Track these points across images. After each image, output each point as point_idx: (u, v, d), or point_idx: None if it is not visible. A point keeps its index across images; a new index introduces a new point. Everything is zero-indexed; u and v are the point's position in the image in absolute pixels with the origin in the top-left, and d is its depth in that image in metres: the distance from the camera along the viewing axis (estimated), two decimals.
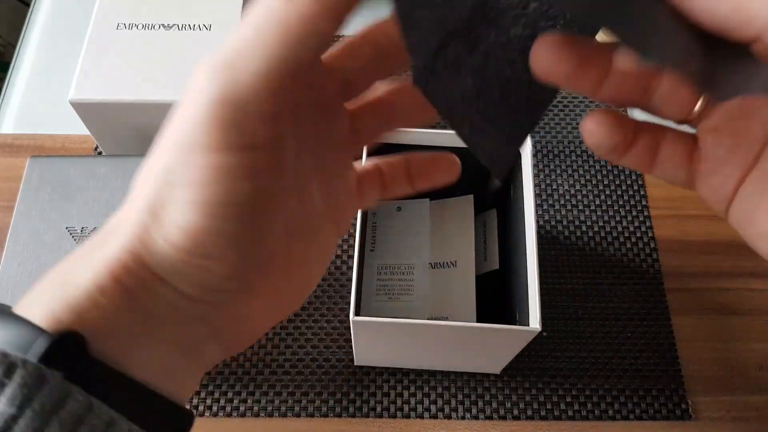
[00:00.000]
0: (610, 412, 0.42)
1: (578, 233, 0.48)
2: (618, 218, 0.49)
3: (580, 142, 0.52)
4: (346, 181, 0.24)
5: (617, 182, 0.50)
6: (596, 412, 0.42)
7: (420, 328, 0.34)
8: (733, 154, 0.22)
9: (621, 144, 0.22)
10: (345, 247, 0.47)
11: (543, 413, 0.42)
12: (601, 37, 0.21)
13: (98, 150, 0.51)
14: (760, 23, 0.17)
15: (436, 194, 0.45)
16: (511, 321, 0.41)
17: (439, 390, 0.42)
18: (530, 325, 0.33)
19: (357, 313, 0.34)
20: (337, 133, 0.23)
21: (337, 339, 0.44)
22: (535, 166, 0.51)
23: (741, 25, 0.17)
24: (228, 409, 0.41)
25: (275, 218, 0.20)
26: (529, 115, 0.23)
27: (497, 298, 0.42)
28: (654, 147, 0.23)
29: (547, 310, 0.44)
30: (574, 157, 0.51)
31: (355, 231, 0.36)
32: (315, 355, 0.43)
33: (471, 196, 0.44)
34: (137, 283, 0.18)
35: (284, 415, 0.41)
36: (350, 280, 0.46)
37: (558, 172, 0.51)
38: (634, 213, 0.49)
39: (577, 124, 0.53)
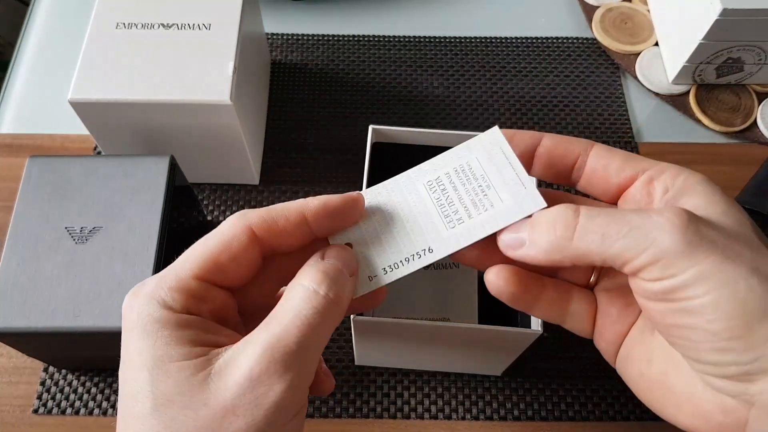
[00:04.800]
0: (611, 412, 0.42)
1: None
2: None
3: None
4: None
5: None
6: (597, 412, 0.42)
7: (421, 328, 0.34)
8: (620, 312, 0.26)
9: (521, 296, 0.26)
10: None
11: (543, 414, 0.42)
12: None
13: (97, 150, 0.51)
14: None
15: None
16: (512, 323, 0.41)
17: (440, 390, 0.42)
18: (532, 327, 0.33)
19: (357, 313, 0.34)
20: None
21: (337, 339, 0.44)
22: None
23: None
24: None
25: None
26: None
27: (499, 300, 0.42)
28: (561, 303, 0.26)
29: None
30: None
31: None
32: None
33: None
34: None
35: None
36: None
37: None
38: None
39: (578, 123, 0.53)
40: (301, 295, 0.22)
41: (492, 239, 0.26)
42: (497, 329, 0.33)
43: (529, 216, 0.25)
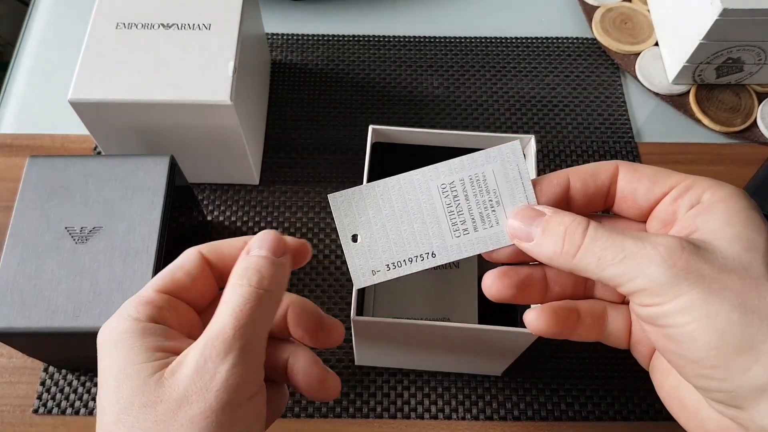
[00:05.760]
0: (611, 412, 0.42)
1: None
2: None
3: (581, 142, 0.52)
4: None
5: None
6: (597, 412, 0.42)
7: (421, 328, 0.34)
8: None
9: (560, 333, 0.27)
10: None
11: (543, 414, 0.42)
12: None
13: (97, 150, 0.51)
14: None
15: None
16: (512, 323, 0.41)
17: (440, 390, 0.42)
18: None
19: (357, 313, 0.34)
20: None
21: None
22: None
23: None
24: None
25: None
26: None
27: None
28: (598, 326, 0.28)
29: None
30: (574, 157, 0.51)
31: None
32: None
33: None
34: None
35: (284, 416, 0.41)
36: (351, 279, 0.46)
37: None
38: None
39: (578, 123, 0.53)
40: (230, 291, 0.24)
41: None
42: (497, 329, 0.33)
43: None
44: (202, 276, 0.26)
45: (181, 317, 0.25)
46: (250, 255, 0.25)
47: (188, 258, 0.26)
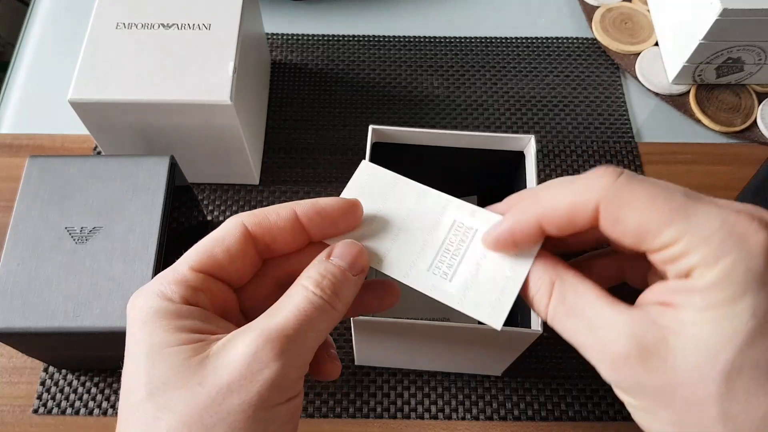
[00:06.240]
0: (611, 412, 0.42)
1: None
2: None
3: (581, 142, 0.52)
4: None
5: None
6: (597, 412, 0.42)
7: (421, 328, 0.34)
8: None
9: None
10: None
11: (543, 414, 0.42)
12: None
13: (97, 150, 0.51)
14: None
15: None
16: (512, 323, 0.41)
17: (440, 390, 0.42)
18: (532, 327, 0.33)
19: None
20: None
21: (337, 339, 0.44)
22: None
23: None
24: None
25: None
26: None
27: None
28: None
29: None
30: (574, 157, 0.51)
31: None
32: None
33: (474, 198, 0.44)
34: None
35: None
36: None
37: (558, 172, 0.51)
38: None
39: (578, 123, 0.53)
40: (301, 293, 0.23)
41: None
42: (497, 329, 0.32)
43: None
44: (244, 252, 0.24)
45: (215, 296, 0.24)
46: (331, 262, 0.24)
47: (230, 232, 0.24)
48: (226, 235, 0.24)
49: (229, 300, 0.25)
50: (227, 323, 0.24)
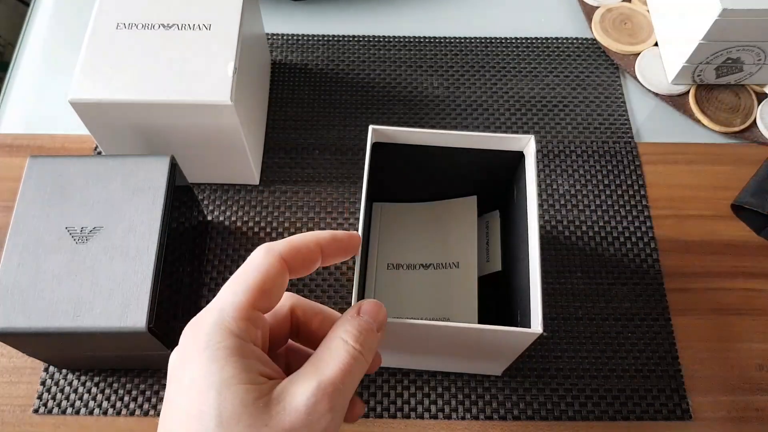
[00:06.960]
0: (610, 412, 0.42)
1: (578, 233, 0.48)
2: (618, 218, 0.49)
3: (581, 142, 0.52)
4: None
5: (617, 182, 0.50)
6: (596, 412, 0.42)
7: (421, 328, 0.34)
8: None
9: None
10: None
11: (543, 413, 0.42)
12: None
13: (98, 150, 0.51)
14: None
15: (439, 195, 0.45)
16: (512, 323, 0.41)
17: (440, 390, 0.42)
18: (532, 328, 0.33)
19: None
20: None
21: None
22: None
23: None
24: None
25: None
26: None
27: (499, 300, 0.42)
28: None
29: (547, 310, 0.44)
30: (574, 157, 0.51)
31: (357, 231, 0.36)
32: None
33: (474, 197, 0.44)
34: None
35: None
36: (351, 280, 0.46)
37: (558, 172, 0.51)
38: (634, 213, 0.49)
39: (578, 123, 0.53)
40: (341, 346, 0.26)
41: None
42: (497, 329, 0.32)
43: None
44: (282, 283, 0.27)
45: (264, 328, 0.27)
46: (364, 320, 0.27)
47: (273, 266, 0.26)
48: (270, 269, 0.26)
49: (264, 330, 0.27)
50: (274, 365, 0.26)
